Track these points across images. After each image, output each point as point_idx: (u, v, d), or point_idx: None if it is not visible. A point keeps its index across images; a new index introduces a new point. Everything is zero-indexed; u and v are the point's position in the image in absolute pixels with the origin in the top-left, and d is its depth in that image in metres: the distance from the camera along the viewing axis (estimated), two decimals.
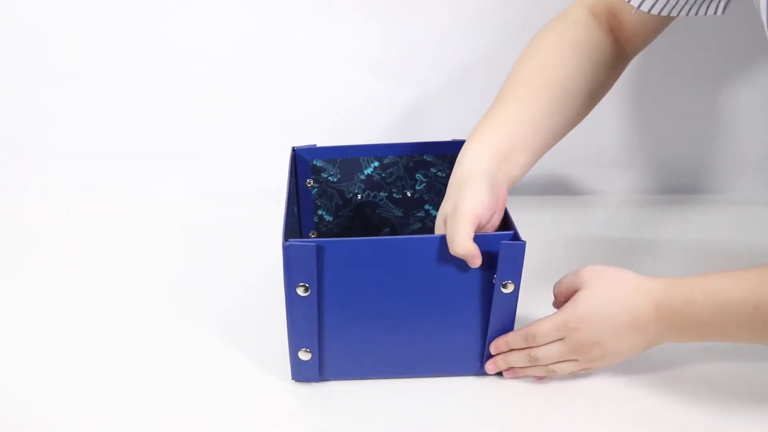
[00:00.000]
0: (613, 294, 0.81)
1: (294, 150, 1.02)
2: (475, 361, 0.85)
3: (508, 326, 0.83)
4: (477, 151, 0.85)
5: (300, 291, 0.78)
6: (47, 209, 1.27)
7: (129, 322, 0.97)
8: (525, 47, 0.96)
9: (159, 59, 1.26)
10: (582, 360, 0.83)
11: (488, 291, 0.80)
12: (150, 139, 1.32)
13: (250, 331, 0.94)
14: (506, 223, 0.84)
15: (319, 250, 0.76)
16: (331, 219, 1.07)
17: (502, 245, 0.77)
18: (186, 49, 1.26)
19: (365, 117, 1.30)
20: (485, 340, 0.83)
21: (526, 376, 0.86)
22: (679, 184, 1.35)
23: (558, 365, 0.83)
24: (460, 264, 0.79)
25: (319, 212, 1.06)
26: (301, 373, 0.84)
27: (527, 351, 0.83)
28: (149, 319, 0.98)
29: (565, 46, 0.93)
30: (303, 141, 1.04)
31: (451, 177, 0.85)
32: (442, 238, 0.78)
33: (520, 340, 0.83)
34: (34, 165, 1.33)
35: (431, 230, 0.98)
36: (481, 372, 0.85)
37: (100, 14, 1.23)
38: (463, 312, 0.82)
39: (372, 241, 0.78)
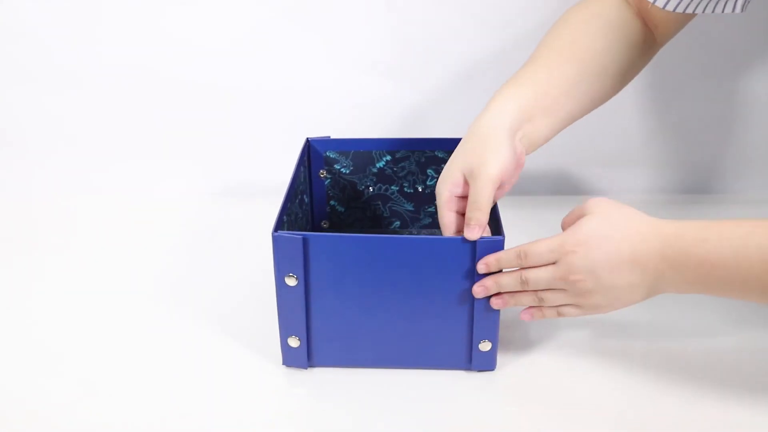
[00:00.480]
0: (619, 224, 0.76)
1: (308, 141, 1.05)
2: (462, 355, 0.87)
3: (493, 323, 0.84)
4: (503, 104, 0.84)
5: (289, 281, 0.81)
6: (52, 208, 1.27)
7: (130, 316, 0.99)
8: (553, 24, 0.96)
9: (162, 59, 1.27)
10: (572, 292, 0.78)
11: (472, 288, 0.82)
12: (155, 138, 1.32)
13: (249, 318, 0.97)
14: (496, 223, 0.86)
15: (305, 242, 0.79)
16: (343, 210, 1.10)
17: (479, 243, 0.78)
18: (189, 49, 1.27)
19: (371, 116, 1.31)
20: (472, 336, 0.85)
21: (516, 305, 0.82)
22: (691, 183, 1.34)
23: (548, 294, 0.79)
24: (445, 262, 0.80)
25: (332, 203, 1.09)
26: (291, 359, 0.87)
27: (519, 273, 0.79)
28: (149, 312, 1.00)
29: (595, 23, 0.93)
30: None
31: (471, 127, 0.83)
32: (428, 240, 0.80)
33: (512, 257, 0.79)
34: (39, 164, 1.33)
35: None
36: (468, 367, 0.87)
37: (102, 14, 1.24)
38: (449, 308, 0.83)
39: (358, 238, 0.80)
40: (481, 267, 0.79)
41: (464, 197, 0.83)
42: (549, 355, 0.91)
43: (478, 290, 0.81)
